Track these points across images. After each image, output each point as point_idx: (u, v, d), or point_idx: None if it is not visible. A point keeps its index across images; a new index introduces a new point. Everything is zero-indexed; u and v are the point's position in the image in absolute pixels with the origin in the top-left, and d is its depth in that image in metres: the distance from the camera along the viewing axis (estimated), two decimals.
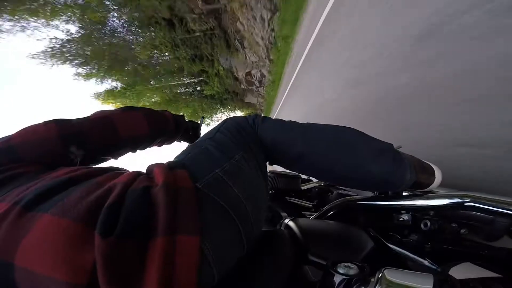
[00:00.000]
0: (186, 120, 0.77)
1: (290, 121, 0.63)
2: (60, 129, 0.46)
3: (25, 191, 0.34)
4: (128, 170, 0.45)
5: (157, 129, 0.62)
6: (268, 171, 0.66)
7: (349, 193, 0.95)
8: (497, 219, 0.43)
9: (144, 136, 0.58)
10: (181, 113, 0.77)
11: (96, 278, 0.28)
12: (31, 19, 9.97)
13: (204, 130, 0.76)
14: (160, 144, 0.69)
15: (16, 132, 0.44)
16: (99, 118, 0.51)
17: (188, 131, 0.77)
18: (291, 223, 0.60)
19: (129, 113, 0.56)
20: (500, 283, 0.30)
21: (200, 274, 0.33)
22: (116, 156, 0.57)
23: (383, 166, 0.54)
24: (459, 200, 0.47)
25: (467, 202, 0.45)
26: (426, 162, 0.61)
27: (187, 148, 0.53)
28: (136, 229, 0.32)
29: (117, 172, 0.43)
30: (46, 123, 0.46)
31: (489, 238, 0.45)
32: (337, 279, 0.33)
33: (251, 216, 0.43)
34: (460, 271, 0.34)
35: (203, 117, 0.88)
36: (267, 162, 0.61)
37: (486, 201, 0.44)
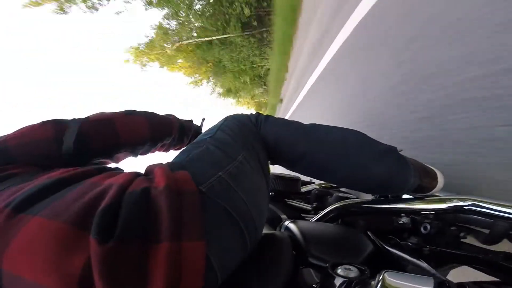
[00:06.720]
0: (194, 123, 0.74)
1: (294, 120, 0.62)
2: (57, 131, 0.44)
3: (17, 193, 0.33)
4: (124, 171, 0.44)
5: (160, 134, 0.59)
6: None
7: (349, 196, 0.95)
8: (497, 222, 0.43)
9: (145, 140, 0.56)
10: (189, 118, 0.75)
11: (85, 284, 0.27)
12: None
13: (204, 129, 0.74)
14: (166, 150, 0.67)
15: (13, 133, 0.43)
16: (99, 120, 0.50)
17: (198, 134, 0.74)
18: (291, 225, 0.60)
19: (131, 117, 0.54)
20: (498, 287, 0.30)
21: (205, 279, 0.32)
22: (115, 160, 0.56)
23: (386, 168, 0.54)
24: (459, 204, 0.47)
25: (467, 205, 0.46)
26: (429, 166, 0.61)
27: (188, 147, 0.52)
28: (137, 234, 0.31)
29: (113, 172, 0.42)
30: (44, 123, 0.45)
31: (489, 242, 0.45)
32: (337, 281, 0.33)
33: (255, 218, 0.43)
34: (458, 275, 0.34)
35: (203, 119, 0.87)
36: (269, 162, 0.61)
37: (486, 204, 0.44)
